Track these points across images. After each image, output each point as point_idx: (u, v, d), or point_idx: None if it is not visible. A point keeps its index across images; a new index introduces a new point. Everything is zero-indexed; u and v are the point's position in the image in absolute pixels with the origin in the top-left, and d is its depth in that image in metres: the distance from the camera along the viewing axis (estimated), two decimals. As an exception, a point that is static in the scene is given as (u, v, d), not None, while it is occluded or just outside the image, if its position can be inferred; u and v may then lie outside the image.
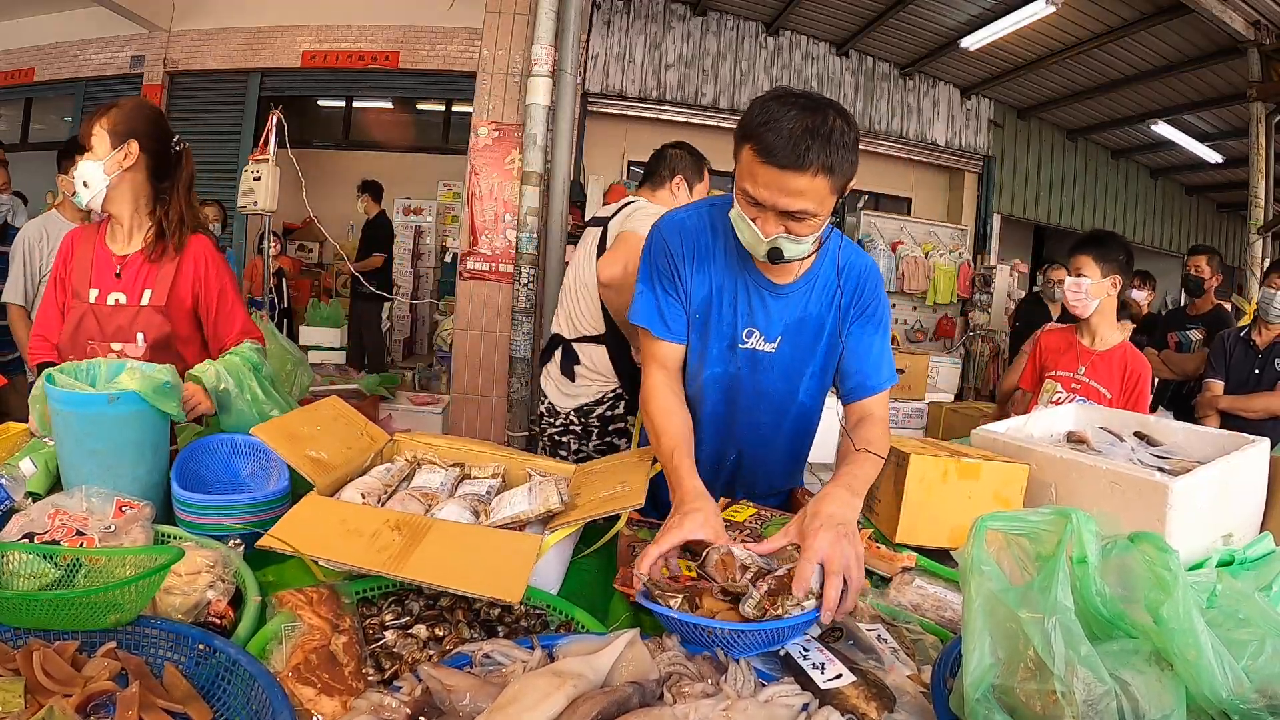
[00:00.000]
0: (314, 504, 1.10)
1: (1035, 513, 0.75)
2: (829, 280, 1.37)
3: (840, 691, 0.82)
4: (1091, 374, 2.15)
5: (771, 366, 1.40)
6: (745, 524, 1.32)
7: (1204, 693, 0.64)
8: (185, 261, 1.70)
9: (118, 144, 1.59)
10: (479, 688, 0.74)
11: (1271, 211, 5.68)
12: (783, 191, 1.12)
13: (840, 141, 1.11)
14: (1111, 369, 2.13)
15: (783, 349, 1.39)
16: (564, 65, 3.33)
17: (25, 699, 0.70)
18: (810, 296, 1.37)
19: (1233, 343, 3.37)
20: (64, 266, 1.69)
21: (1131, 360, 2.14)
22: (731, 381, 1.42)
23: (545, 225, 3.46)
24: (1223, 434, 1.54)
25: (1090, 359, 2.16)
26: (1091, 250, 2.10)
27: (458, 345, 3.74)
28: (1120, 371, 2.13)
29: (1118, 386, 2.11)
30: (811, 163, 1.08)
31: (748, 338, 1.38)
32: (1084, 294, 2.09)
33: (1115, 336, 2.17)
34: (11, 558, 0.86)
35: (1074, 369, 2.18)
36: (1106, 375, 2.13)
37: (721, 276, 1.35)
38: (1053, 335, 2.36)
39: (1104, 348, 2.17)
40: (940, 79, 8.23)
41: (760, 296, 1.35)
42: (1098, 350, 2.17)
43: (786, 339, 1.38)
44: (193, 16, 6.59)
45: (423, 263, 7.77)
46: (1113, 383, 2.12)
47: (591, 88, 7.21)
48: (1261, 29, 5.45)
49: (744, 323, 1.37)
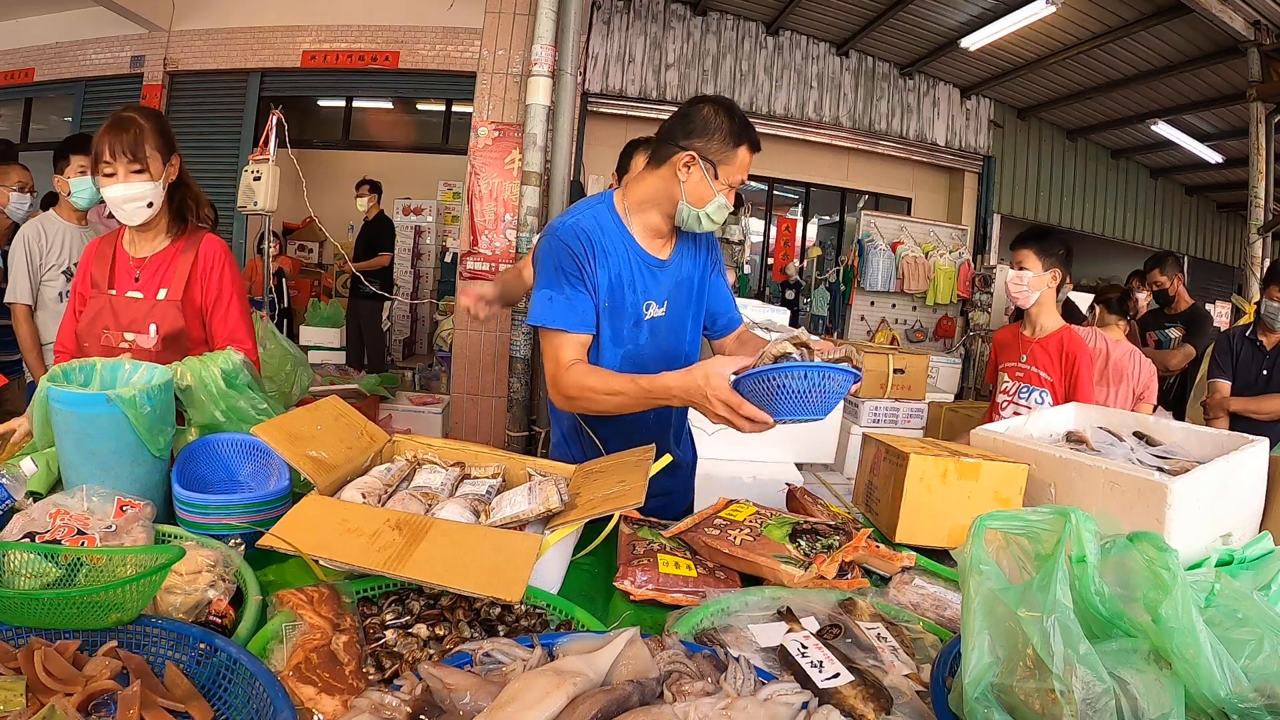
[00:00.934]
0: (314, 503, 1.10)
1: (1034, 512, 0.76)
2: (692, 245, 1.66)
3: (838, 691, 0.82)
4: (1032, 361, 2.30)
5: (666, 328, 1.62)
6: (745, 523, 1.32)
7: (1202, 692, 0.64)
8: (199, 260, 1.75)
9: (167, 159, 1.69)
10: (479, 686, 0.74)
11: (1271, 211, 5.68)
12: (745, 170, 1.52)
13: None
14: (1049, 354, 2.27)
15: (670, 310, 1.62)
16: (564, 65, 3.33)
17: (26, 698, 0.70)
18: (684, 262, 1.64)
19: (1239, 343, 3.35)
20: (85, 276, 1.75)
21: (1069, 343, 2.27)
22: (640, 354, 1.60)
23: (545, 225, 3.46)
24: (1222, 434, 1.55)
25: (1030, 347, 2.31)
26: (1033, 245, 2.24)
27: (458, 345, 3.74)
28: (1058, 354, 2.26)
29: (1057, 369, 2.24)
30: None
31: (646, 310, 1.59)
32: (1025, 286, 2.23)
33: (1054, 324, 2.31)
34: (13, 557, 0.86)
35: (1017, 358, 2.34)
36: (1045, 360, 2.27)
37: (619, 264, 1.54)
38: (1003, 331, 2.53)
39: (1043, 335, 2.31)
40: (940, 79, 8.23)
41: (651, 273, 1.58)
42: (1037, 339, 2.31)
43: (672, 301, 1.62)
44: (193, 16, 6.58)
45: (423, 263, 7.77)
46: (1052, 366, 2.25)
47: (591, 88, 7.21)
48: (1261, 29, 5.45)
49: (643, 298, 1.57)
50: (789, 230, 8.55)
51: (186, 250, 1.75)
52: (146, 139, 1.64)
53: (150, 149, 1.64)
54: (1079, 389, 2.19)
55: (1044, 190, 8.80)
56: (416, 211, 7.75)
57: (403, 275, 7.41)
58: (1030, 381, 2.27)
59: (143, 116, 1.67)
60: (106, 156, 1.62)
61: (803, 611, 1.04)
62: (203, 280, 1.75)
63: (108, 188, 1.63)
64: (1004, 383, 2.36)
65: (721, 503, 1.44)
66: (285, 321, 5.51)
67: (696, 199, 1.49)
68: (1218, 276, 10.20)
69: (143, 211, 1.66)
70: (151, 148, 1.64)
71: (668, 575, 1.17)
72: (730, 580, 1.21)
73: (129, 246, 1.75)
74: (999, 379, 2.40)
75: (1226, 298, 7.39)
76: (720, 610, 1.05)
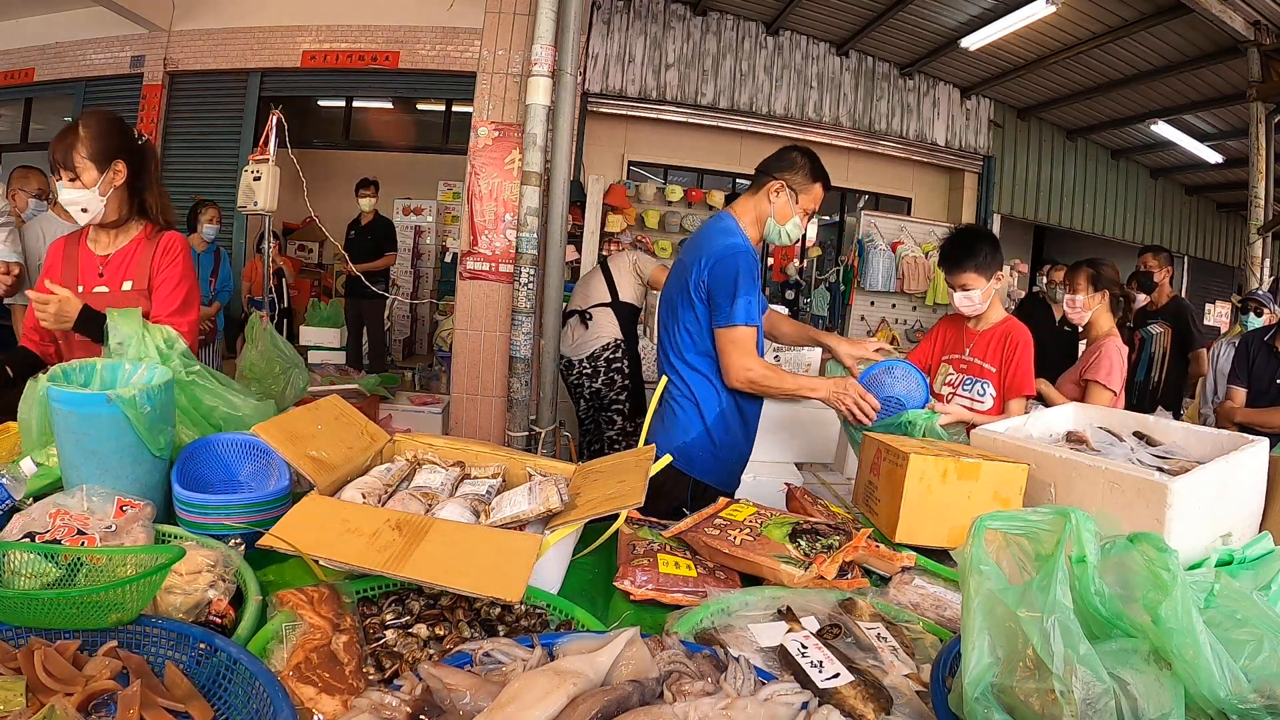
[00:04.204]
0: (315, 503, 1.10)
1: (1034, 512, 0.76)
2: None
3: (838, 691, 0.82)
4: (975, 353, 2.33)
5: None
6: (745, 523, 1.32)
7: (1202, 692, 0.64)
8: (158, 253, 1.82)
9: (104, 167, 1.70)
10: (479, 686, 0.74)
11: (1271, 211, 5.68)
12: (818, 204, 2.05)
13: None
14: (992, 343, 2.29)
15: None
16: (564, 65, 3.32)
17: (27, 698, 0.70)
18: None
19: (1256, 348, 3.29)
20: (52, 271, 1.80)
21: (1011, 330, 2.29)
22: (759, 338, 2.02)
23: (545, 225, 3.45)
24: (1222, 434, 1.55)
25: (974, 338, 2.34)
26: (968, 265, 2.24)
27: (458, 345, 3.73)
28: (1000, 344, 2.28)
29: (998, 357, 2.27)
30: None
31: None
32: (976, 303, 2.27)
33: (998, 316, 2.35)
34: (13, 557, 0.86)
35: (961, 350, 2.37)
36: (986, 350, 2.30)
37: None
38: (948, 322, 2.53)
39: (986, 327, 2.34)
40: (940, 79, 8.23)
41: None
42: (980, 330, 2.34)
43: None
44: (193, 16, 6.58)
45: (423, 263, 7.76)
46: (994, 355, 2.27)
47: (591, 88, 7.20)
48: (1261, 29, 5.45)
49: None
50: (789, 230, 8.53)
51: (148, 245, 1.82)
52: (78, 148, 1.68)
53: (81, 158, 1.68)
54: (1018, 374, 2.21)
55: (1044, 190, 8.80)
56: (416, 211, 7.74)
57: (403, 275, 7.40)
58: (973, 373, 2.29)
59: (84, 125, 1.71)
60: (53, 164, 1.70)
61: (803, 611, 1.04)
62: (159, 270, 1.81)
63: (60, 192, 1.71)
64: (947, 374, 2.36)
65: (722, 503, 1.44)
66: (285, 321, 5.50)
67: (780, 218, 2.00)
68: (1218, 276, 10.19)
69: (81, 215, 1.72)
70: (83, 157, 1.68)
71: (668, 575, 1.17)
72: (730, 580, 1.21)
73: (92, 245, 1.81)
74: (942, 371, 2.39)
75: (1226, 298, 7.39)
76: (720, 610, 1.05)
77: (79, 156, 1.68)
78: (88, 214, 1.72)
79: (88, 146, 1.69)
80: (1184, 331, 4.31)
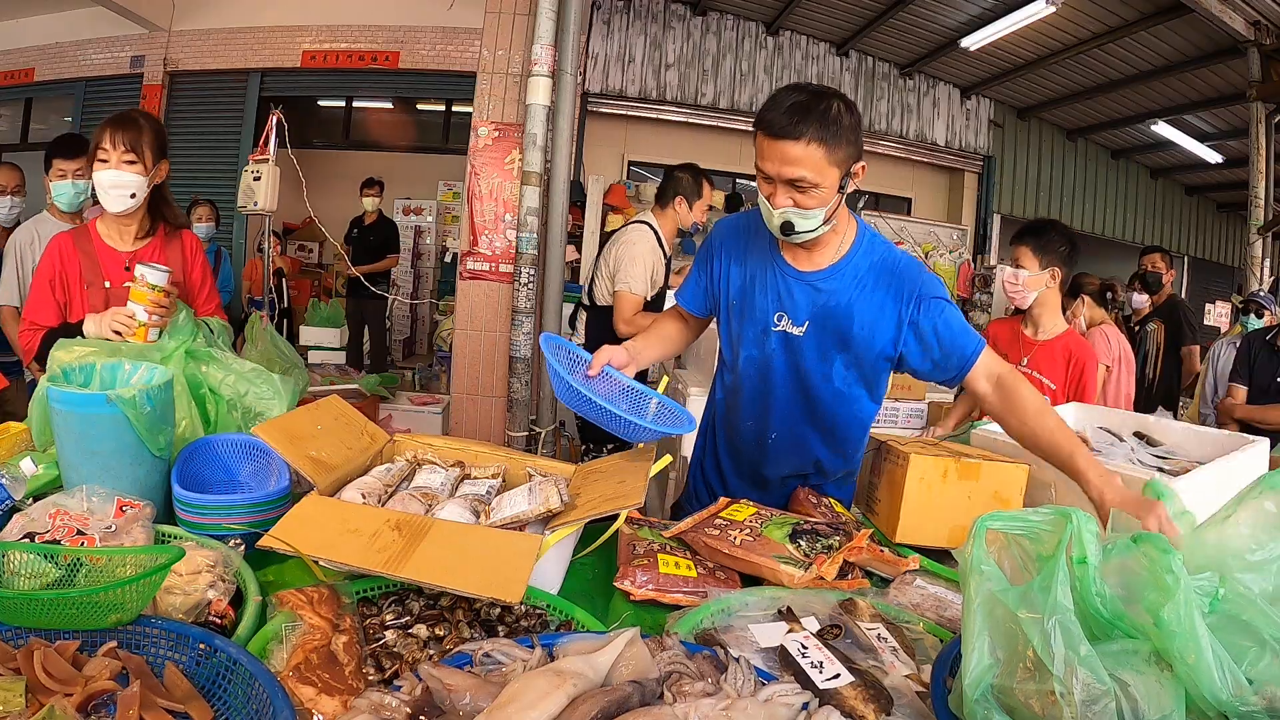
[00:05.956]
0: (314, 504, 1.10)
1: (1035, 513, 0.75)
2: (859, 272, 1.45)
3: (838, 692, 0.82)
4: (1034, 365, 2.14)
5: (802, 348, 1.49)
6: (745, 523, 1.32)
7: (1203, 695, 0.64)
8: (185, 250, 1.95)
9: (157, 161, 1.79)
10: (479, 687, 0.74)
11: (1271, 211, 5.68)
12: (782, 160, 1.27)
13: (836, 119, 1.26)
14: (1055, 359, 2.11)
15: (811, 332, 1.47)
16: (564, 65, 3.32)
17: (26, 698, 0.70)
18: (839, 285, 1.45)
19: (1258, 347, 3.29)
20: (61, 267, 1.80)
21: (1076, 349, 2.12)
22: (765, 362, 1.52)
23: (545, 225, 3.45)
24: (1222, 434, 1.55)
25: (1033, 349, 2.15)
26: (1029, 241, 2.07)
27: (458, 345, 3.73)
28: (1064, 361, 2.11)
29: (1061, 376, 2.10)
30: (804, 133, 1.24)
31: (779, 321, 1.49)
32: (1020, 285, 2.07)
33: (1059, 326, 2.15)
34: (12, 557, 0.86)
35: (1018, 360, 2.16)
36: (1049, 365, 2.12)
37: (755, 268, 1.51)
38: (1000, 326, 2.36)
39: (1046, 337, 2.15)
40: (940, 79, 8.23)
41: (788, 283, 1.48)
42: (1040, 340, 2.15)
43: (814, 323, 1.47)
44: (193, 16, 6.58)
45: (423, 263, 7.76)
46: (1056, 373, 2.10)
47: (591, 88, 7.20)
48: (1261, 29, 5.45)
49: (774, 307, 1.49)
50: (789, 230, 8.52)
51: (170, 243, 1.92)
52: (144, 136, 1.74)
53: (145, 146, 1.74)
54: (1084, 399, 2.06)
55: (1044, 190, 8.80)
56: (416, 211, 7.74)
57: (403, 275, 7.40)
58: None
59: (144, 118, 1.78)
60: (105, 144, 1.71)
61: (803, 612, 1.04)
62: (190, 264, 1.94)
63: (100, 172, 1.72)
64: None
65: (722, 503, 1.44)
66: (285, 321, 5.50)
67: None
68: (1218, 276, 10.18)
69: (125, 200, 1.75)
70: (147, 145, 1.74)
71: (668, 575, 1.17)
72: (730, 580, 1.21)
73: (110, 241, 1.84)
74: None
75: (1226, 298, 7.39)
76: (720, 610, 1.05)
77: (145, 143, 1.73)
78: (134, 200, 1.76)
79: (151, 138, 1.74)
80: (1176, 328, 4.32)
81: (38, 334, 1.77)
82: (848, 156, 1.30)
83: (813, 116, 1.24)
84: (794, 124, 1.24)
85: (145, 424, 1.18)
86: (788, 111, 1.25)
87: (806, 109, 1.24)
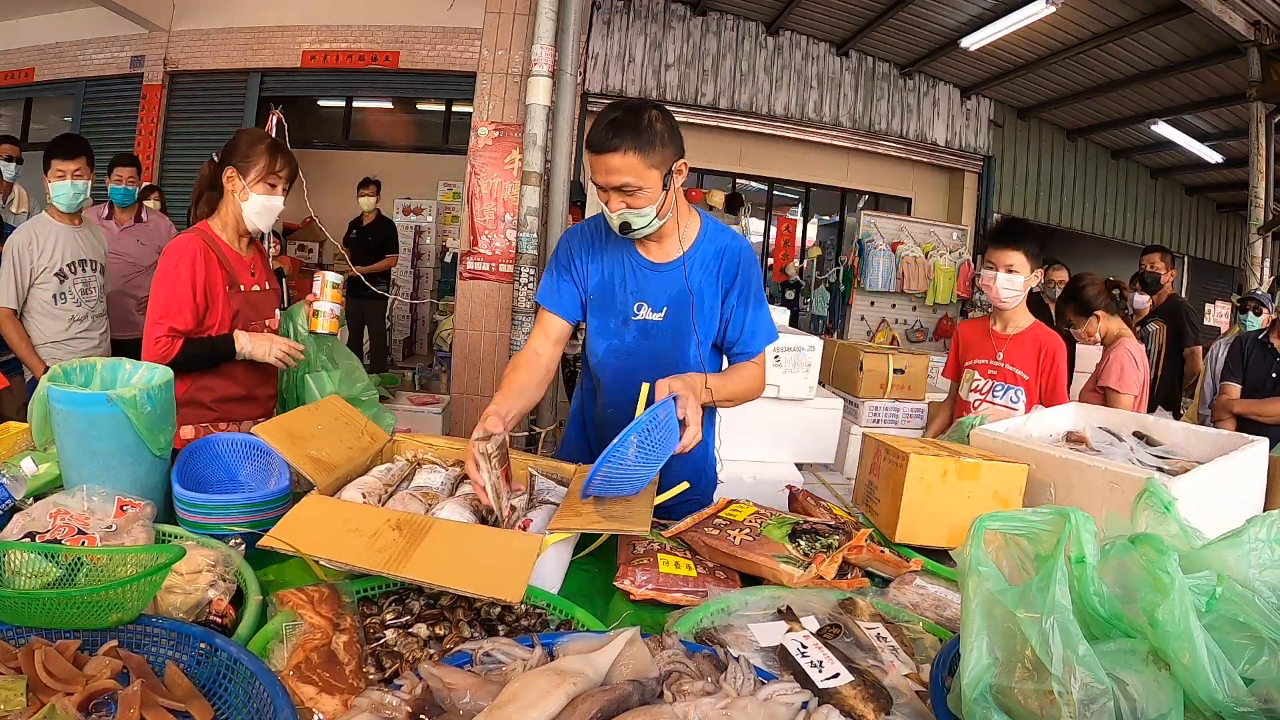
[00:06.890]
0: (315, 503, 1.10)
1: (1034, 513, 0.75)
2: (706, 259, 1.63)
3: (838, 691, 0.82)
4: (1008, 358, 2.23)
5: (662, 334, 1.64)
6: (745, 523, 1.32)
7: (1199, 695, 0.64)
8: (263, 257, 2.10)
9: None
10: (479, 686, 0.74)
11: (1271, 211, 5.68)
12: (607, 170, 1.42)
13: (648, 128, 1.40)
14: (1026, 351, 2.20)
15: (669, 318, 1.63)
16: (564, 65, 3.33)
17: (27, 697, 0.70)
18: (690, 273, 1.61)
19: (1250, 345, 3.32)
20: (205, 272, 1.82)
21: (1045, 339, 2.21)
22: (627, 350, 1.66)
23: (545, 225, 3.46)
24: (1222, 434, 1.55)
25: (1005, 343, 2.24)
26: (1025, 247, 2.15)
27: (458, 345, 3.74)
28: (1035, 351, 2.20)
29: (1033, 366, 2.19)
30: (620, 145, 1.39)
31: (638, 310, 1.63)
32: (1018, 290, 2.16)
33: (1026, 320, 2.26)
34: (13, 557, 0.86)
35: (991, 355, 2.27)
36: (1021, 356, 2.21)
37: (611, 264, 1.64)
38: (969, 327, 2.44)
39: (1016, 331, 2.25)
40: (940, 79, 8.23)
41: (644, 275, 1.63)
42: (1011, 334, 2.25)
43: (671, 309, 1.62)
44: (193, 16, 6.58)
45: (423, 263, 7.75)
46: (1028, 363, 2.19)
47: (591, 88, 7.20)
48: (1261, 29, 5.45)
49: (633, 298, 1.63)
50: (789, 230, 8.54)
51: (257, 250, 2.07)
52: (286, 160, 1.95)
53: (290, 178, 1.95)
54: (1057, 387, 2.15)
55: (1044, 190, 8.81)
56: (416, 211, 7.73)
57: (403, 275, 7.40)
58: (1004, 379, 2.21)
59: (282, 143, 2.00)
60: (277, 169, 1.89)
61: (803, 611, 1.04)
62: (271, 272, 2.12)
63: (273, 197, 1.90)
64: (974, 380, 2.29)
65: (722, 502, 1.45)
66: (285, 321, 5.50)
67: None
68: (1218, 276, 10.19)
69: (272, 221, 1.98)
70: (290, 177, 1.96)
71: (668, 575, 1.17)
72: (730, 580, 1.21)
73: (235, 245, 1.95)
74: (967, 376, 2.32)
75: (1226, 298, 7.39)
76: (720, 610, 1.05)
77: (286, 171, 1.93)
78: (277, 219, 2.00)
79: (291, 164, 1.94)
80: (1179, 328, 4.32)
81: (176, 341, 1.74)
82: (665, 158, 1.43)
83: (627, 130, 1.38)
84: (610, 138, 1.39)
85: (146, 424, 1.18)
86: (606, 128, 1.40)
87: (621, 124, 1.39)
